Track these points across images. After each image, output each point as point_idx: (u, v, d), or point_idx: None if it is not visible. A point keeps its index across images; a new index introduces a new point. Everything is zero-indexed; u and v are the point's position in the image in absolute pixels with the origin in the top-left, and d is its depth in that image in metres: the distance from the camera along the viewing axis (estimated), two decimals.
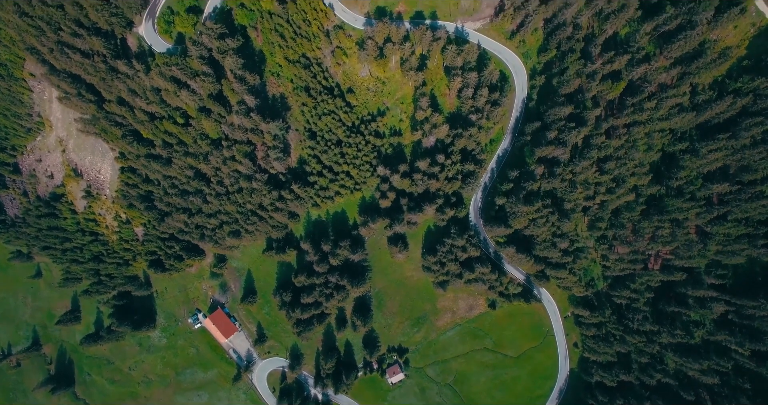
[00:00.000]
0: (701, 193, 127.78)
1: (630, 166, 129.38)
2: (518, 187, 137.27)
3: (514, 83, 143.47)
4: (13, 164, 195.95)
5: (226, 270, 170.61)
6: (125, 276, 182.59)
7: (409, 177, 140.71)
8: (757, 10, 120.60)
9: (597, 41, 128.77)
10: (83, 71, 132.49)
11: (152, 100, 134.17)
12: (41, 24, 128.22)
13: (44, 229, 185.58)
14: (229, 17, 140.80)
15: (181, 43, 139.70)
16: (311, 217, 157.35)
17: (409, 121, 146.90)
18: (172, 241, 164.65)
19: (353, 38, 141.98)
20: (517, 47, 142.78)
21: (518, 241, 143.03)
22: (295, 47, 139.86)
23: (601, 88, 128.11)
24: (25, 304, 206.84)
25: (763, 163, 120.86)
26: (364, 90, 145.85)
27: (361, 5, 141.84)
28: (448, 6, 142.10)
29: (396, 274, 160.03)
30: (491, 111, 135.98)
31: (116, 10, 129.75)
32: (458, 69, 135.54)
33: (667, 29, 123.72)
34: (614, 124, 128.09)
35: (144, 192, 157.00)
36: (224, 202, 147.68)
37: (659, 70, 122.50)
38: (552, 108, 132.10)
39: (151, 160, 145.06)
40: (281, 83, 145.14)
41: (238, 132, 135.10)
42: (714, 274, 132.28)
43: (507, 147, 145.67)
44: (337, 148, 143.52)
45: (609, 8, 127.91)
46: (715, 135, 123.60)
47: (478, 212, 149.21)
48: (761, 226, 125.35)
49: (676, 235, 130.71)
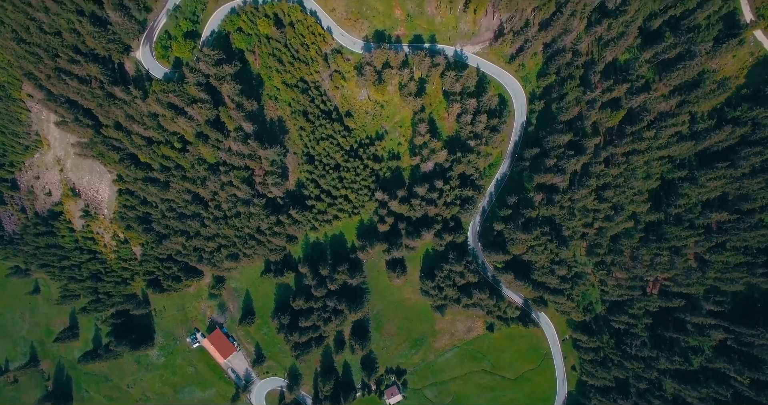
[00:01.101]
0: (700, 221, 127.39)
1: (629, 194, 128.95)
2: (517, 213, 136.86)
3: (513, 107, 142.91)
4: (11, 180, 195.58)
5: (225, 290, 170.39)
6: (123, 294, 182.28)
7: (408, 202, 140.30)
8: (755, 40, 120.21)
9: (596, 68, 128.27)
10: (80, 97, 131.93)
11: (149, 125, 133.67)
12: (38, 51, 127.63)
13: (42, 247, 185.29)
14: (226, 41, 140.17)
15: (179, 67, 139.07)
16: (309, 240, 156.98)
17: (408, 144, 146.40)
18: (170, 262, 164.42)
19: (351, 62, 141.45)
20: (517, 71, 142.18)
21: (516, 266, 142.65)
22: (293, 71, 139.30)
23: (600, 116, 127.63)
24: (23, 320, 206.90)
25: (762, 192, 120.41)
26: (363, 113, 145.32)
27: (359, 29, 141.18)
28: (447, 30, 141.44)
29: (394, 296, 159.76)
30: (490, 137, 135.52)
31: (113, 36, 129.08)
32: (457, 95, 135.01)
33: (667, 57, 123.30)
34: (613, 152, 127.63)
35: (142, 214, 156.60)
36: (222, 225, 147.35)
37: (658, 100, 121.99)
38: (551, 134, 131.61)
39: (149, 183, 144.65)
40: (279, 107, 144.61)
41: (236, 158, 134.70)
42: (712, 301, 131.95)
43: (506, 171, 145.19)
44: (335, 172, 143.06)
45: (608, 35, 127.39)
46: (714, 163, 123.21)
47: (477, 236, 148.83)
48: (760, 254, 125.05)
49: (675, 262, 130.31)
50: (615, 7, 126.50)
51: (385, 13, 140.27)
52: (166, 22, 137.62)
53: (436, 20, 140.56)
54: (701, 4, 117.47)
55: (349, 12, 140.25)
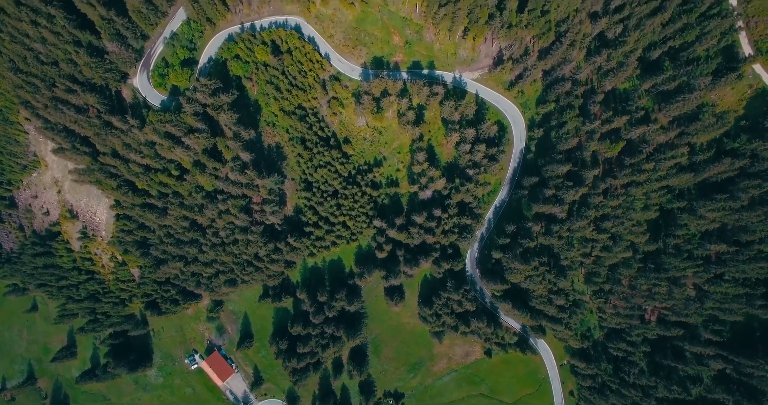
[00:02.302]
0: (699, 252, 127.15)
1: (628, 225, 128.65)
2: (515, 242, 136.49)
3: (512, 134, 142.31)
4: (9, 198, 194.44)
5: (223, 313, 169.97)
6: (121, 315, 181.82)
7: (406, 230, 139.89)
8: (754, 73, 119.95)
9: (596, 98, 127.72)
10: (77, 126, 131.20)
11: (146, 153, 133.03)
12: (35, 81, 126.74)
13: (40, 267, 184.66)
14: (223, 68, 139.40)
15: (176, 94, 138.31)
16: (307, 264, 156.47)
17: (406, 170, 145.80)
18: (168, 285, 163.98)
19: (350, 89, 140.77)
20: (516, 97, 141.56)
21: (515, 293, 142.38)
22: (291, 98, 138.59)
23: (599, 147, 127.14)
24: (21, 338, 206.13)
25: (761, 225, 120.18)
26: (361, 140, 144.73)
27: (357, 55, 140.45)
28: (446, 56, 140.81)
29: (392, 320, 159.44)
30: (489, 165, 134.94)
31: (110, 65, 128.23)
32: (455, 123, 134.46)
33: (666, 89, 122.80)
34: (612, 183, 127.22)
35: (140, 238, 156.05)
36: (220, 252, 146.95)
37: (658, 132, 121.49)
38: (550, 164, 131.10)
39: (147, 209, 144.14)
40: (277, 133, 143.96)
41: (233, 187, 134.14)
42: (711, 329, 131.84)
43: (504, 198, 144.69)
44: (333, 199, 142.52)
45: (608, 65, 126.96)
46: (714, 194, 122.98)
47: (475, 263, 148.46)
48: (759, 285, 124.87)
49: (673, 293, 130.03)
50: (614, 37, 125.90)
51: (384, 39, 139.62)
52: (163, 50, 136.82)
53: (435, 47, 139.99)
54: (700, 38, 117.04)
55: (347, 38, 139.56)
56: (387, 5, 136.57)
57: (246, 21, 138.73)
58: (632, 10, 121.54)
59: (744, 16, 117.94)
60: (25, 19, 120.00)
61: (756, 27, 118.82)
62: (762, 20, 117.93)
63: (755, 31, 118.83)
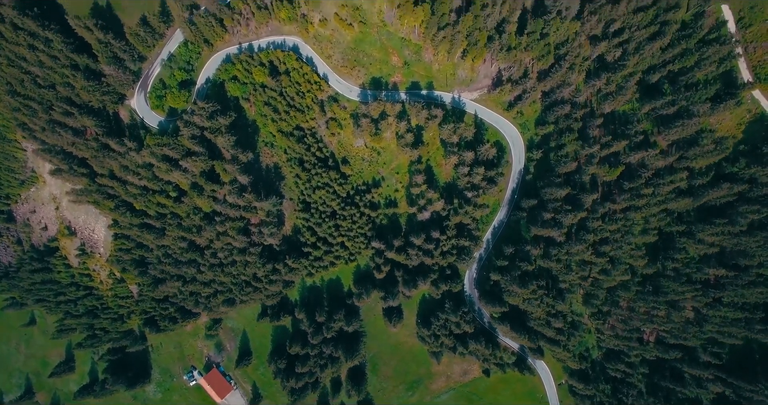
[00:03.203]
0: (698, 276, 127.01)
1: (626, 249, 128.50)
2: (513, 264, 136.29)
3: (511, 154, 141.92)
4: (7, 212, 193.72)
5: (222, 330, 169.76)
6: (120, 331, 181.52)
7: (404, 252, 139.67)
8: (752, 98, 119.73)
9: (595, 122, 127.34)
10: (75, 148, 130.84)
11: (144, 175, 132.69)
12: (33, 104, 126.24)
13: (37, 283, 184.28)
14: (221, 89, 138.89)
15: (174, 115, 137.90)
16: (306, 283, 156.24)
17: (405, 191, 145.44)
18: (166, 303, 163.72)
19: (348, 110, 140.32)
20: (515, 118, 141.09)
21: (513, 315, 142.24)
22: (289, 119, 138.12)
23: (598, 171, 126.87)
24: (19, 352, 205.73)
25: (760, 250, 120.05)
26: (359, 160, 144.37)
27: (356, 76, 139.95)
28: (444, 76, 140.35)
29: (391, 338, 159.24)
30: (487, 188, 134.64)
31: (107, 88, 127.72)
32: (454, 145, 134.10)
33: (665, 113, 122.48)
34: (611, 208, 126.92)
35: (138, 257, 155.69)
36: (218, 273, 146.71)
37: (657, 157, 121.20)
38: (549, 187, 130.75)
39: (145, 230, 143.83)
40: (275, 153, 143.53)
41: (231, 210, 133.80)
42: (710, 352, 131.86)
43: (503, 218, 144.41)
44: (332, 220, 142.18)
45: (607, 89, 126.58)
46: (713, 219, 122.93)
47: (473, 283, 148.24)
48: (758, 310, 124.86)
49: (672, 316, 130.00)
50: (614, 60, 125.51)
51: (382, 60, 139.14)
52: (160, 71, 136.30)
53: (433, 67, 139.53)
54: (699, 63, 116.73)
55: (345, 59, 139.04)
56: (385, 26, 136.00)
57: (244, 41, 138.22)
58: (631, 34, 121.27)
59: (742, 42, 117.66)
60: (22, 44, 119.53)
61: (754, 52, 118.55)
62: (760, 46, 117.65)
63: (753, 57, 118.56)
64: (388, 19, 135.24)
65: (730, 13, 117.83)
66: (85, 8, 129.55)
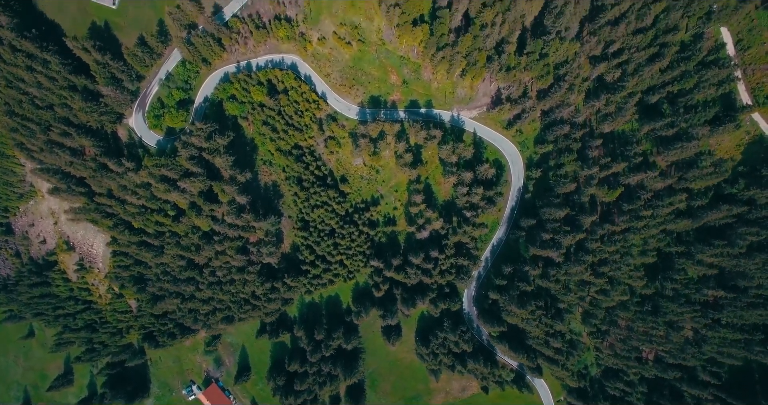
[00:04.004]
0: (697, 297, 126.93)
1: (625, 270, 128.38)
2: (512, 284, 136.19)
3: (511, 172, 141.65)
4: (6, 224, 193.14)
5: (221, 345, 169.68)
6: (119, 345, 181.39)
7: (403, 270, 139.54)
8: (751, 120, 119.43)
9: (594, 143, 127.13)
10: (73, 168, 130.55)
11: (142, 195, 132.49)
12: (30, 125, 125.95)
13: (36, 297, 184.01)
14: (219, 108, 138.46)
15: (172, 134, 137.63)
16: (305, 300, 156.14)
17: (404, 208, 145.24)
18: (165, 319, 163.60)
19: (346, 128, 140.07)
20: (514, 136, 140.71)
21: (512, 333, 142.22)
22: (287, 138, 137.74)
23: (597, 192, 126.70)
24: (17, 364, 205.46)
25: (759, 272, 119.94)
26: (358, 178, 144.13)
27: (354, 95, 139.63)
28: (444, 95, 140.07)
29: (390, 355, 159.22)
30: (486, 207, 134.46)
31: (105, 108, 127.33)
32: (453, 165, 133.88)
33: (664, 134, 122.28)
34: (610, 229, 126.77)
35: (136, 273, 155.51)
36: (217, 291, 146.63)
37: (656, 179, 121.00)
38: (548, 207, 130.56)
39: (143, 248, 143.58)
40: (273, 171, 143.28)
41: (230, 230, 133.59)
42: (709, 371, 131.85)
43: (502, 236, 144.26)
44: (330, 238, 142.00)
45: (607, 109, 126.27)
46: (712, 240, 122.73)
47: (472, 300, 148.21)
48: (757, 331, 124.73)
49: (671, 336, 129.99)
50: (613, 80, 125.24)
51: (381, 78, 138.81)
52: (158, 90, 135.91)
53: (432, 85, 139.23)
54: (698, 85, 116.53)
55: (344, 77, 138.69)
56: (384, 44, 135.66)
57: (242, 59, 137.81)
58: (631, 55, 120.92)
59: (741, 64, 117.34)
60: (20, 65, 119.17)
61: (753, 74, 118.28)
62: (759, 68, 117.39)
63: (752, 79, 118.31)
64: (386, 37, 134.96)
65: (729, 35, 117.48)
66: (83, 28, 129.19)
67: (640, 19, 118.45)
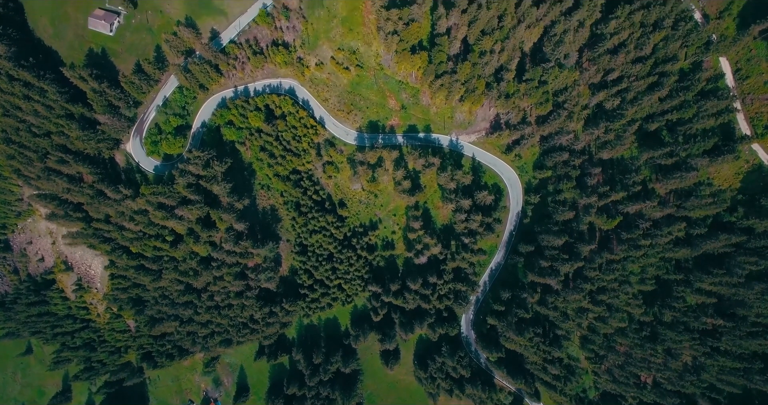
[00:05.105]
0: (696, 325, 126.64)
1: (623, 298, 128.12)
2: (510, 310, 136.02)
3: (509, 196, 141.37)
4: (4, 241, 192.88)
5: (219, 365, 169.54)
6: (117, 364, 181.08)
7: (401, 295, 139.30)
8: (750, 149, 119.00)
9: (593, 170, 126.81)
10: (70, 195, 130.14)
11: (140, 221, 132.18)
12: (28, 153, 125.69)
13: (34, 315, 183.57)
14: (217, 133, 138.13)
15: (170, 159, 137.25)
16: (303, 322, 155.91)
17: (402, 232, 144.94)
18: (163, 340, 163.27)
19: (344, 154, 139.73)
20: (513, 160, 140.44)
21: (510, 357, 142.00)
22: (285, 164, 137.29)
23: (596, 220, 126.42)
24: (15, 381, 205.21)
25: (757, 301, 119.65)
26: (356, 202, 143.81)
27: (352, 120, 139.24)
28: (442, 119, 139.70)
29: (388, 376, 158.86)
30: (485, 234, 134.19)
31: (102, 135, 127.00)
32: (451, 192, 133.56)
33: (664, 163, 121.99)
34: (608, 258, 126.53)
35: (135, 295, 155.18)
36: (215, 315, 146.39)
37: (655, 209, 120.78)
38: (546, 234, 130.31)
39: (141, 272, 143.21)
40: (271, 196, 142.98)
41: (228, 257, 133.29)
42: (708, 397, 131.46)
43: (500, 261, 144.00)
44: (329, 263, 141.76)
45: (606, 137, 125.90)
46: (711, 268, 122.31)
47: (470, 324, 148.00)
48: (756, 360, 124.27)
49: (669, 364, 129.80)
50: (612, 108, 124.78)
51: (379, 103, 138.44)
52: (155, 116, 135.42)
53: (431, 110, 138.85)
54: (697, 115, 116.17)
55: (342, 102, 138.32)
56: (383, 69, 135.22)
57: (240, 84, 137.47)
58: (630, 83, 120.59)
59: (740, 94, 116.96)
60: (17, 94, 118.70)
61: (752, 104, 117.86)
62: (757, 98, 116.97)
63: (751, 108, 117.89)
64: (385, 62, 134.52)
65: (728, 65, 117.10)
66: (80, 55, 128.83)
67: (639, 48, 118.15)
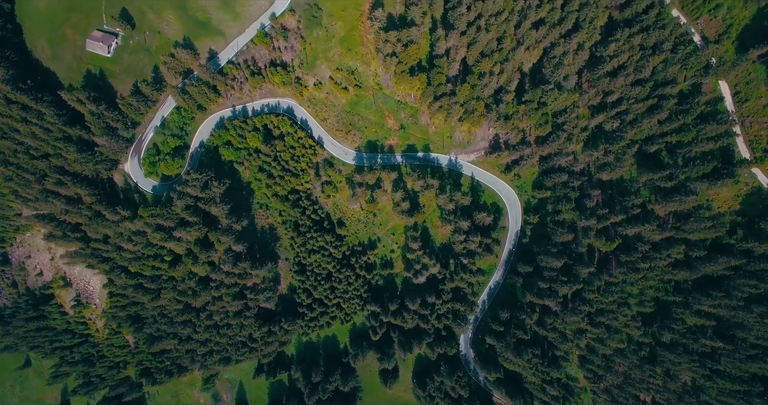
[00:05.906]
0: (695, 347, 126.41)
1: (622, 320, 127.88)
2: (509, 331, 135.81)
3: (508, 215, 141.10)
4: (2, 255, 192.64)
5: (218, 381, 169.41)
6: (116, 379, 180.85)
7: (400, 315, 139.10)
8: (749, 172, 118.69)
9: (592, 192, 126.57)
10: (68, 216, 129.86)
11: (138, 242, 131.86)
12: (26, 175, 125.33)
13: (32, 330, 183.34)
14: (215, 153, 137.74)
15: (168, 180, 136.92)
16: (302, 340, 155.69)
17: (401, 251, 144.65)
18: (162, 357, 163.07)
19: (343, 173, 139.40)
20: (512, 180, 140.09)
21: (509, 376, 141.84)
22: (283, 184, 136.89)
23: (595, 242, 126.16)
24: (13, 394, 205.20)
25: (757, 324, 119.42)
26: (355, 221, 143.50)
27: (351, 140, 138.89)
28: (441, 139, 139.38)
29: (387, 394, 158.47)
30: (483, 254, 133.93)
31: (100, 157, 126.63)
32: (450, 213, 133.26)
33: (663, 185, 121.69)
34: (607, 280, 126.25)
35: (133, 313, 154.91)
36: (214, 334, 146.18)
37: (654, 232, 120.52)
38: (545, 255, 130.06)
39: (140, 291, 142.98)
40: (270, 215, 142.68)
41: (226, 278, 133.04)
42: None
43: (499, 280, 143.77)
44: (327, 282, 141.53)
45: (605, 159, 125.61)
46: (710, 290, 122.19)
47: (469, 343, 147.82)
48: (756, 383, 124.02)
49: (668, 385, 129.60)
50: (612, 130, 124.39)
51: (378, 123, 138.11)
52: (153, 136, 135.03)
53: (430, 130, 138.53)
54: (696, 139, 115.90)
55: (340, 122, 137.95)
56: (381, 89, 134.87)
57: (238, 104, 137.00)
58: (629, 106, 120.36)
59: (739, 117, 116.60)
60: (15, 117, 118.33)
61: (751, 127, 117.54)
62: (756, 121, 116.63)
63: (750, 131, 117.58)
64: (383, 82, 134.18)
65: (727, 88, 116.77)
66: (78, 76, 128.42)
67: (638, 70, 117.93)
